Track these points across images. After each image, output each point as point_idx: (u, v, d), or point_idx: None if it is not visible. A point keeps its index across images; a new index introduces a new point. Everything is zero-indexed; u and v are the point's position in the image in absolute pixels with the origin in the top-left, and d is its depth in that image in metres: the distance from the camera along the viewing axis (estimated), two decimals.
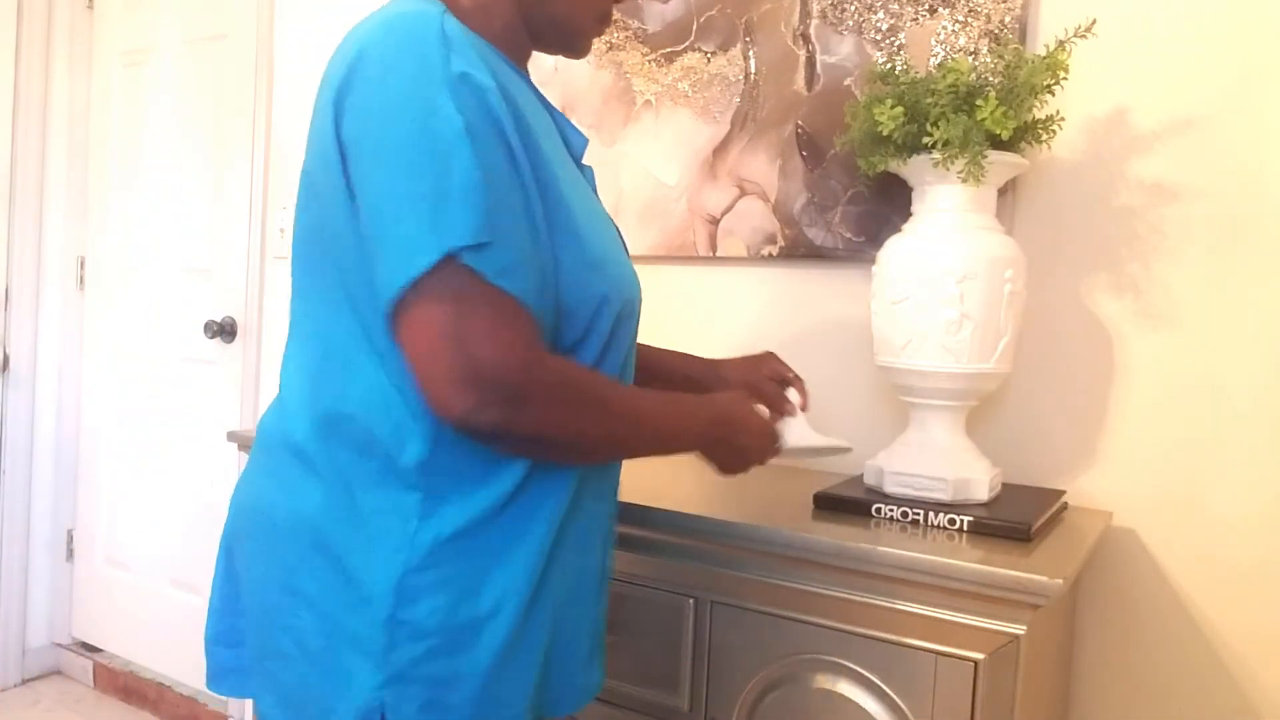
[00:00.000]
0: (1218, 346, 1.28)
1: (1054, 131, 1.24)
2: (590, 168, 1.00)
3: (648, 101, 1.75)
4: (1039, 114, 1.23)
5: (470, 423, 0.76)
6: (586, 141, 0.97)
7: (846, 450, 1.19)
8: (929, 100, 1.17)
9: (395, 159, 0.75)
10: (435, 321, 0.75)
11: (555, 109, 0.96)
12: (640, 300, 0.96)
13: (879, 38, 1.50)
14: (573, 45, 0.98)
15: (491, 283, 0.75)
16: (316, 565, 0.84)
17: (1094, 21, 1.18)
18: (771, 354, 1.23)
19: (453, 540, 0.82)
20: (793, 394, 1.20)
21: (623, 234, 1.07)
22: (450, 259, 0.74)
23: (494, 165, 0.77)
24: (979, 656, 0.98)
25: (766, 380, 1.20)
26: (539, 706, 0.89)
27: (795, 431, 1.19)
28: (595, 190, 0.99)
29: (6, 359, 2.72)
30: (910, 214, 1.26)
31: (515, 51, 0.94)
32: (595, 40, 1.02)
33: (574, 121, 1.81)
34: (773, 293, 1.63)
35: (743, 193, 1.64)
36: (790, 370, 1.21)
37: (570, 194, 0.85)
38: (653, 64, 1.74)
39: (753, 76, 1.63)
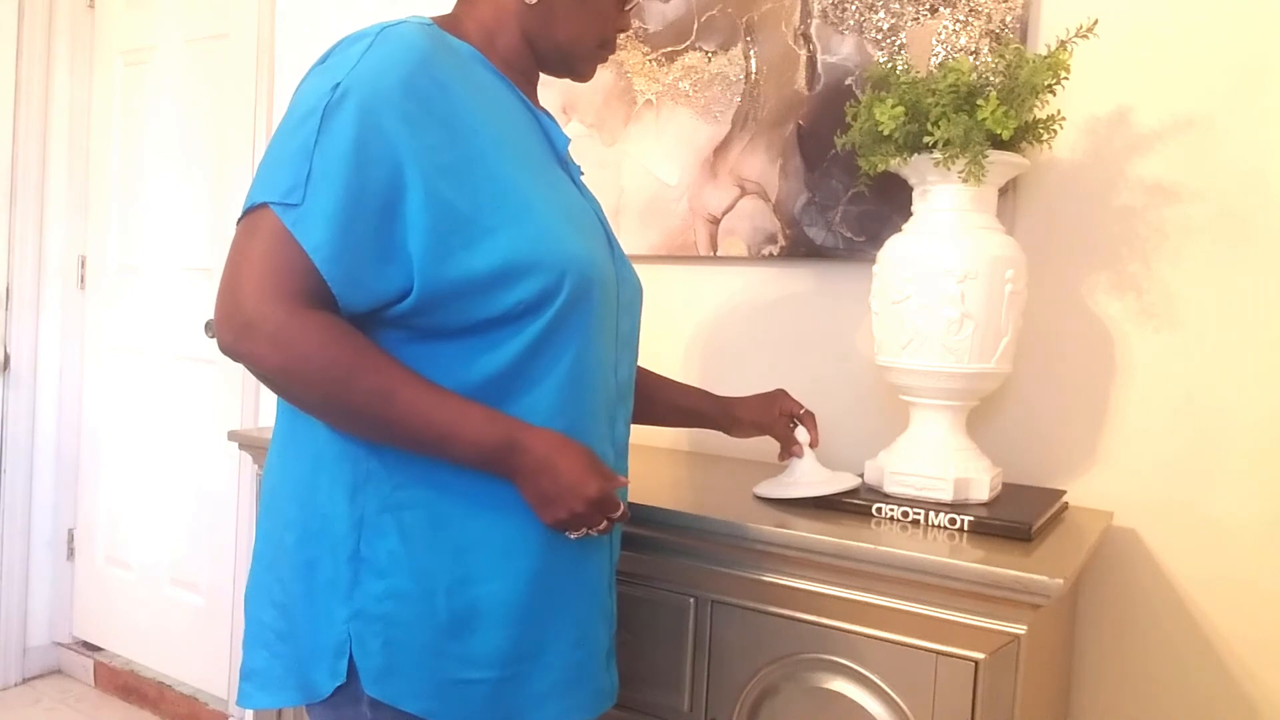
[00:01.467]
0: (1218, 346, 1.28)
1: (1055, 131, 1.24)
2: (576, 164, 1.07)
3: (649, 101, 1.75)
4: (1040, 114, 1.23)
5: (222, 347, 0.83)
6: (568, 140, 1.03)
7: (856, 486, 1.21)
8: (930, 100, 1.16)
9: (277, 129, 0.88)
10: (230, 257, 0.84)
11: (544, 114, 1.02)
12: (612, 287, 0.98)
13: (880, 37, 1.50)
14: (575, 69, 1.05)
15: (292, 234, 0.81)
16: (296, 515, 0.92)
17: (1095, 21, 1.18)
18: (783, 391, 1.27)
19: (409, 488, 0.89)
20: (802, 433, 1.22)
21: (623, 233, 1.08)
22: (264, 206, 0.83)
23: (345, 139, 0.83)
24: (979, 656, 0.98)
25: (779, 419, 1.24)
26: (521, 706, 0.93)
27: (802, 473, 1.21)
28: (578, 182, 1.04)
29: (7, 359, 2.72)
30: (911, 213, 1.26)
31: (517, 71, 1.01)
32: (600, 66, 1.07)
33: (575, 120, 1.82)
34: (773, 292, 1.63)
35: (743, 192, 1.64)
36: (801, 406, 1.25)
37: (527, 179, 0.92)
38: (654, 63, 1.74)
39: (754, 76, 1.63)
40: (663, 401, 1.26)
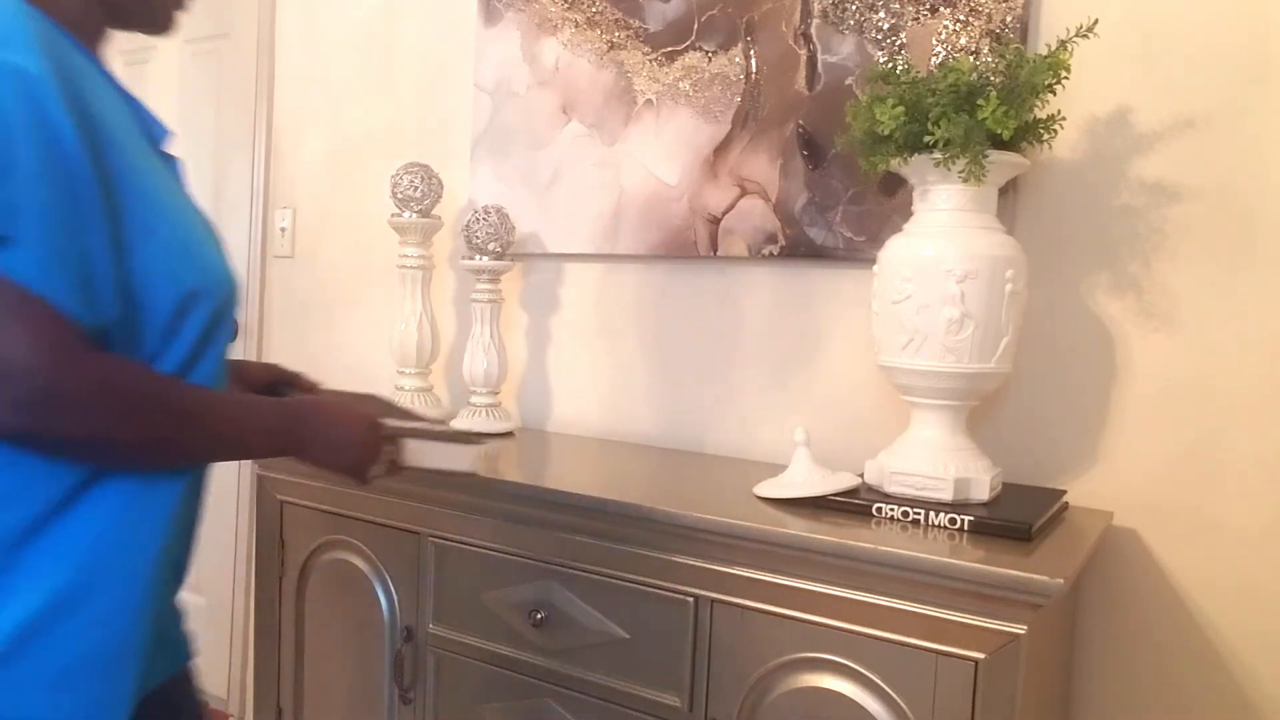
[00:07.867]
0: (1218, 346, 1.28)
1: (1055, 131, 1.24)
2: (177, 159, 0.94)
3: (649, 101, 1.75)
4: (1040, 113, 1.23)
5: (20, 428, 0.73)
6: (168, 132, 0.92)
7: (855, 486, 1.21)
8: (930, 100, 1.16)
9: None
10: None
11: (134, 97, 0.90)
12: (235, 300, 0.92)
13: (880, 37, 1.50)
14: (155, 20, 0.93)
15: (14, 281, 0.71)
16: None
17: (1095, 21, 1.18)
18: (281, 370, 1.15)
19: None
20: (800, 431, 1.20)
21: (623, 233, 1.06)
22: None
23: (25, 157, 0.71)
24: (979, 656, 0.98)
25: (269, 384, 1.12)
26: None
27: (802, 472, 1.23)
28: (181, 181, 0.94)
29: None
30: (911, 213, 1.26)
31: (89, 34, 0.87)
32: (180, 15, 0.95)
33: (575, 120, 1.82)
34: (773, 292, 1.63)
35: (744, 192, 1.64)
36: (298, 375, 1.13)
37: (151, 184, 0.82)
38: (654, 63, 1.74)
39: (754, 76, 1.63)
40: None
